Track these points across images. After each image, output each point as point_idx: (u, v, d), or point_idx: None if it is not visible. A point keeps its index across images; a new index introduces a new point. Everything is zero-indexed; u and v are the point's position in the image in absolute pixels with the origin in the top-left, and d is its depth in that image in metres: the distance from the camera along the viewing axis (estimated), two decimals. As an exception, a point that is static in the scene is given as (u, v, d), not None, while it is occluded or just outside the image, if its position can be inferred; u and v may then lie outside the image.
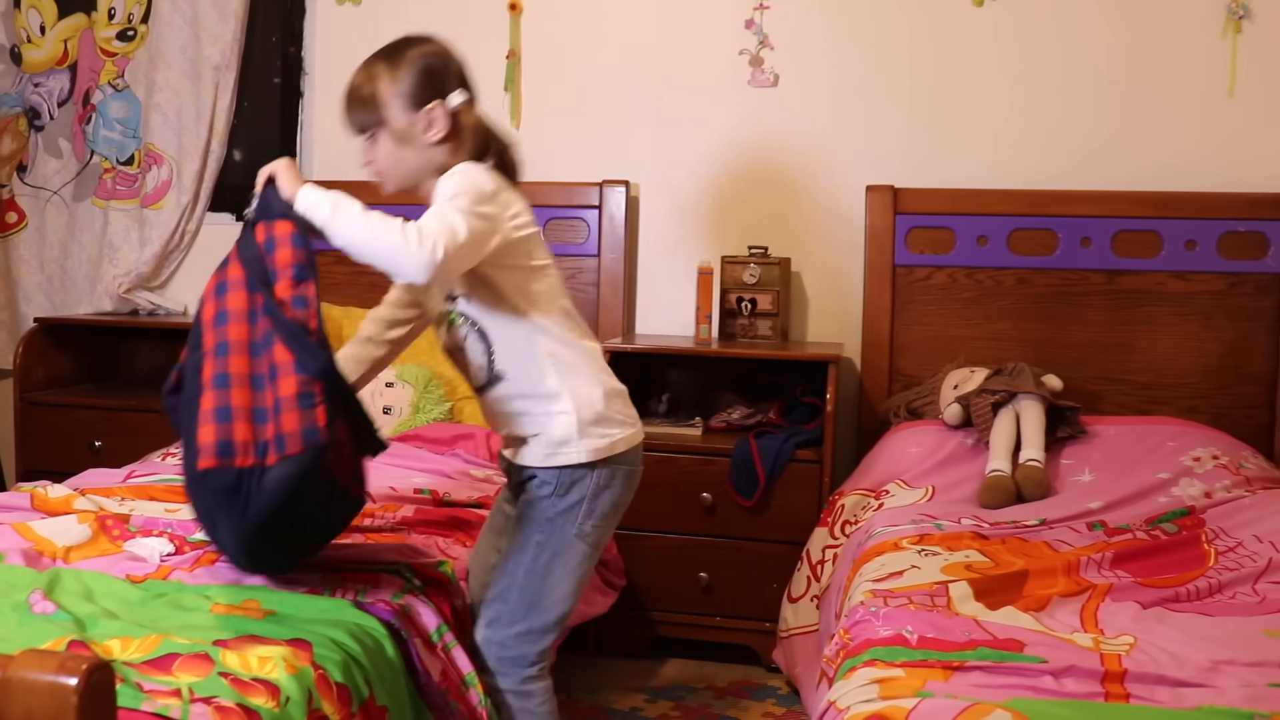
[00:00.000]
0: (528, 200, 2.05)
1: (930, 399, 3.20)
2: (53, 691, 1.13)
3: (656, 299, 3.67)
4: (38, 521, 2.23)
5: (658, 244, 3.66)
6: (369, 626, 1.82)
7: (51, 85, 4.10)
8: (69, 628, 1.70)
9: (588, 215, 3.58)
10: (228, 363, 1.74)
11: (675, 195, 3.65)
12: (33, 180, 4.12)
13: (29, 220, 4.14)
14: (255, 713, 1.49)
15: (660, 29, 3.63)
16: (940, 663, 1.79)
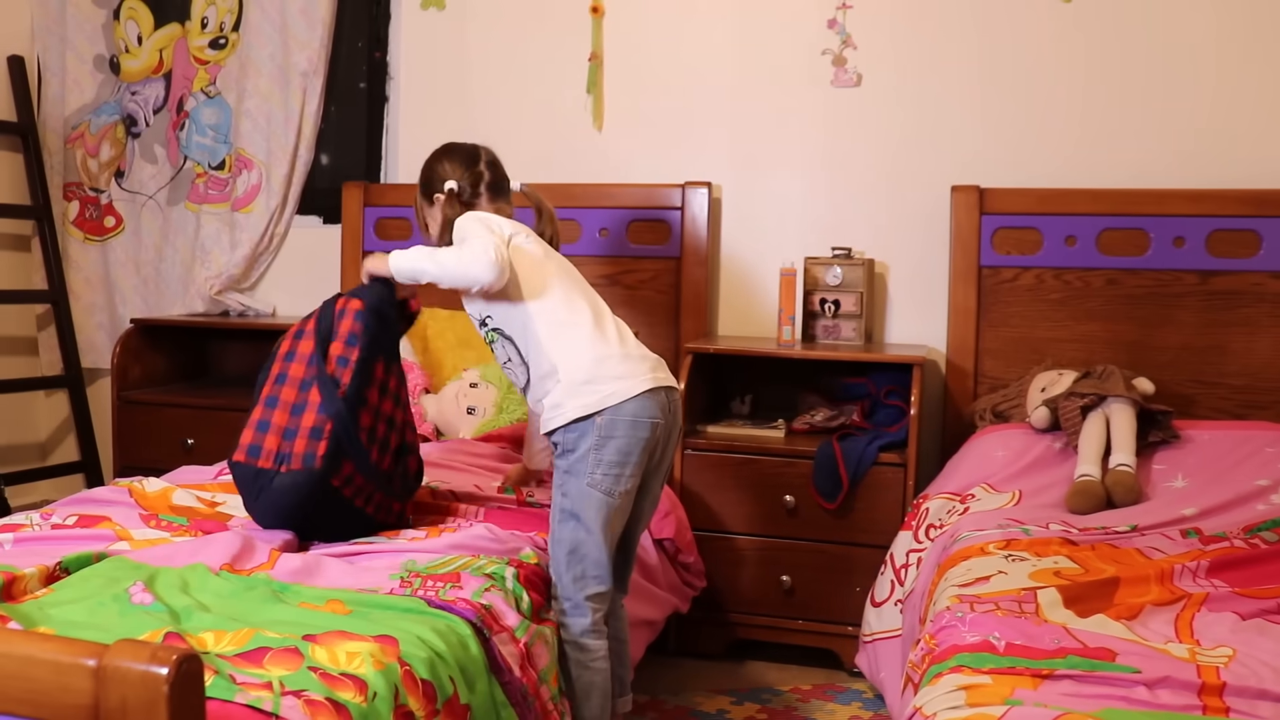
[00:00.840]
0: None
1: (1017, 402, 3.15)
2: (145, 680, 1.16)
3: (739, 301, 3.66)
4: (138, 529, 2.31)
5: (740, 245, 3.65)
6: (453, 625, 1.84)
7: (147, 93, 4.21)
8: (165, 619, 1.75)
9: (670, 216, 3.58)
10: (281, 390, 2.30)
11: (758, 196, 3.63)
12: (129, 185, 4.24)
13: (126, 224, 4.25)
14: (344, 707, 1.51)
15: (742, 30, 3.62)
16: (1029, 670, 1.76)
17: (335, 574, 2.05)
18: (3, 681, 1.21)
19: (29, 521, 2.30)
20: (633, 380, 2.24)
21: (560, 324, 2.28)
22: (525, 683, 1.94)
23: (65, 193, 4.29)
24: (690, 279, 3.56)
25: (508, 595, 2.06)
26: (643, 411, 2.23)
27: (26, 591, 1.89)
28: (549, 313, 2.28)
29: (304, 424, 2.23)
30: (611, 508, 2.24)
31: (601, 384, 2.23)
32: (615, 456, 2.22)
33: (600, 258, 3.61)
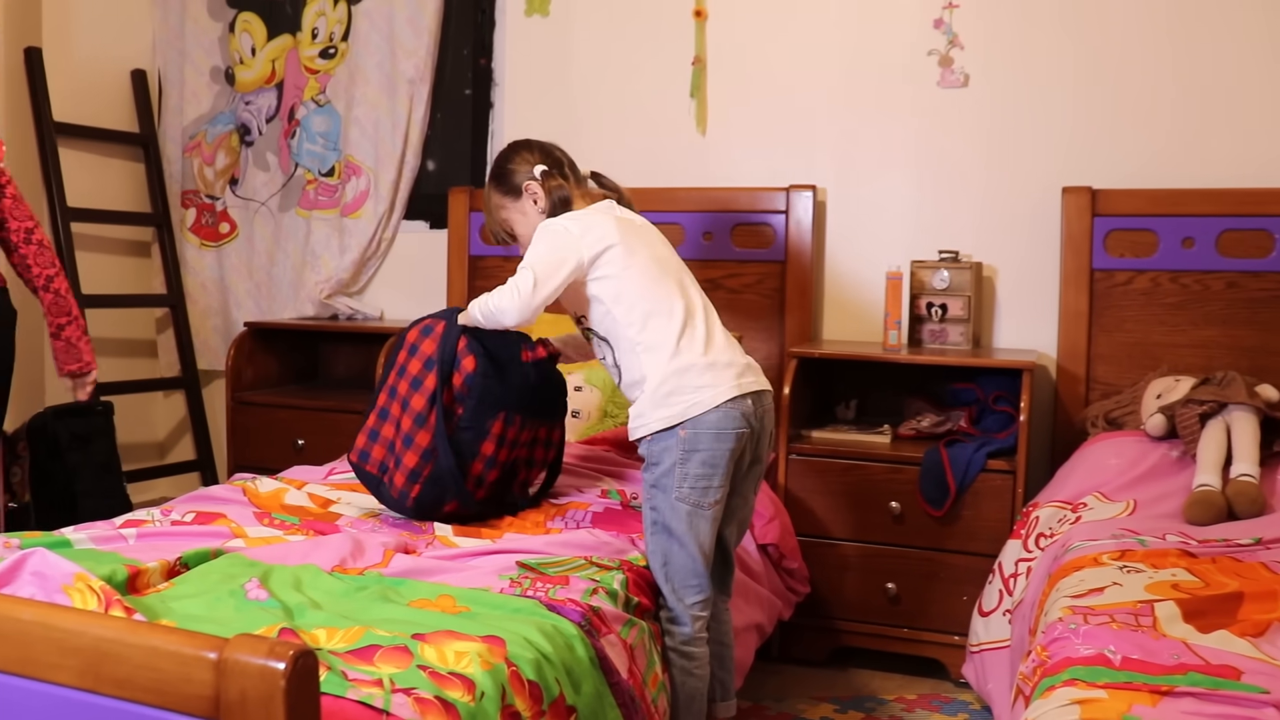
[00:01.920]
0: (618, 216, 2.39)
1: (1131, 409, 3.06)
2: (263, 674, 1.19)
3: (844, 304, 3.62)
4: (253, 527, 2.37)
5: (845, 249, 3.62)
6: (561, 627, 1.85)
7: (260, 103, 4.32)
8: (280, 615, 1.79)
9: (774, 220, 3.56)
10: (393, 407, 2.44)
11: (863, 199, 3.59)
12: (243, 193, 4.36)
13: (239, 230, 4.37)
14: (453, 706, 1.53)
15: (846, 31, 3.59)
16: (1147, 686, 1.70)
17: (447, 573, 2.08)
18: (131, 670, 1.25)
19: (150, 518, 2.38)
20: (715, 390, 2.22)
21: (646, 330, 2.26)
22: (631, 684, 1.95)
23: (183, 200, 4.43)
24: (794, 282, 3.53)
25: (615, 597, 2.07)
26: (726, 423, 2.21)
27: (149, 585, 1.95)
28: (635, 318, 2.27)
29: (406, 461, 2.38)
30: (702, 519, 2.22)
31: (684, 394, 2.21)
32: (701, 469, 2.20)
33: (704, 261, 3.60)
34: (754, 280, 3.60)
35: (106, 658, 1.27)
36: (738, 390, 2.23)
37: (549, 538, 2.30)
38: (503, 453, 2.44)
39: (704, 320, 2.31)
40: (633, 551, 2.31)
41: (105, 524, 2.33)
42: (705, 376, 2.23)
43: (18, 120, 3.83)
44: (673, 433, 2.20)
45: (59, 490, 3.54)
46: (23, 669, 1.31)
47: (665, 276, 2.32)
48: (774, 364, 3.53)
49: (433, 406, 2.36)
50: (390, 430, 2.42)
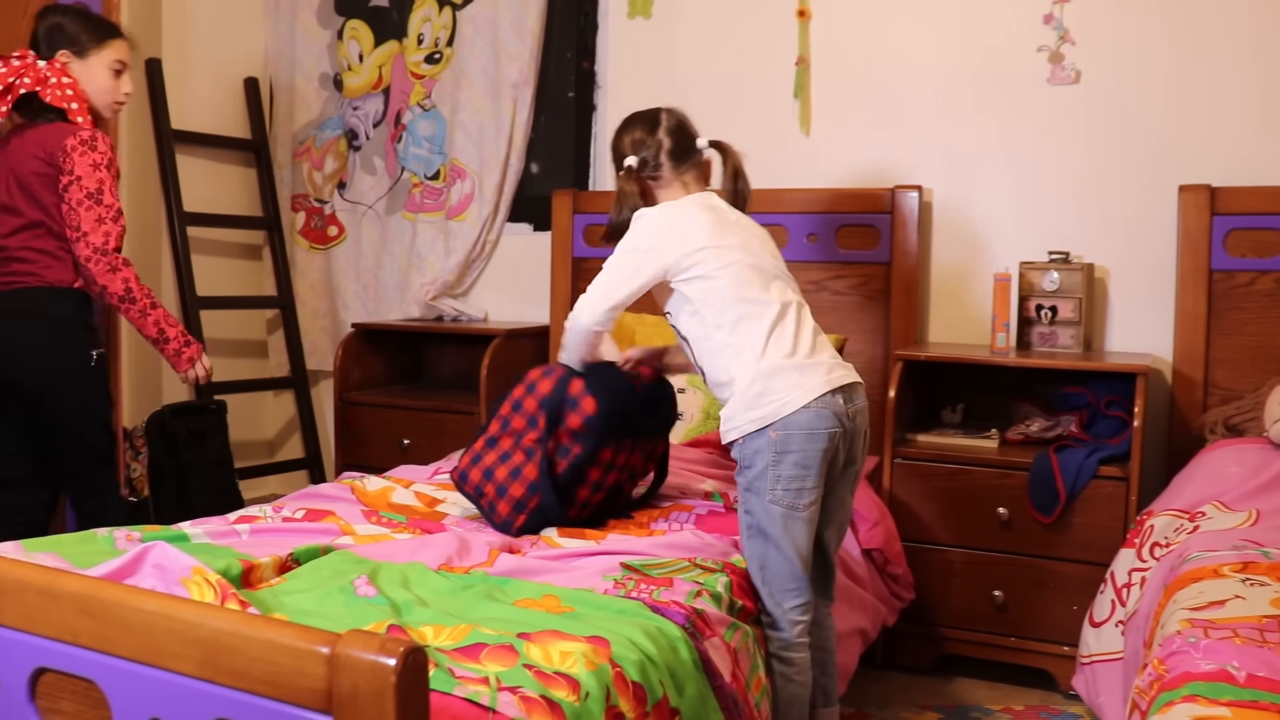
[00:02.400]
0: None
1: (1253, 415, 2.95)
2: (374, 670, 1.20)
3: (950, 307, 3.56)
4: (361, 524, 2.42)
5: (952, 250, 3.55)
6: (665, 629, 1.85)
7: (368, 108, 4.40)
8: (388, 612, 1.81)
9: (879, 221, 3.52)
10: (504, 442, 2.46)
11: (970, 199, 3.53)
12: (351, 196, 4.44)
13: (347, 233, 4.46)
14: (558, 705, 1.53)
15: (952, 29, 3.53)
16: (1275, 705, 1.64)
17: (551, 573, 2.10)
18: (248, 662, 1.28)
19: (263, 514, 2.44)
20: (804, 388, 2.19)
21: (735, 332, 2.25)
22: (734, 688, 1.94)
23: (293, 204, 4.53)
24: (900, 284, 3.48)
25: (719, 600, 2.06)
26: (818, 423, 2.18)
27: (262, 579, 2.00)
28: (725, 320, 2.25)
29: (513, 491, 2.41)
30: (796, 521, 2.20)
31: (773, 395, 2.19)
32: (794, 471, 2.18)
33: (809, 263, 3.57)
34: (859, 282, 3.56)
35: (225, 649, 1.30)
36: (827, 386, 2.21)
37: (652, 539, 2.30)
38: (610, 476, 2.46)
39: (795, 319, 2.28)
40: (736, 554, 2.29)
41: (219, 519, 2.40)
42: (793, 376, 2.20)
43: (139, 129, 3.96)
44: (763, 434, 2.19)
45: (175, 486, 3.65)
46: (146, 657, 1.35)
47: (757, 277, 2.29)
48: (879, 367, 3.48)
49: (541, 446, 2.38)
50: (493, 458, 2.44)
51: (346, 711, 1.23)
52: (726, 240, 2.31)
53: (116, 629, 1.37)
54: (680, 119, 2.49)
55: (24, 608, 1.44)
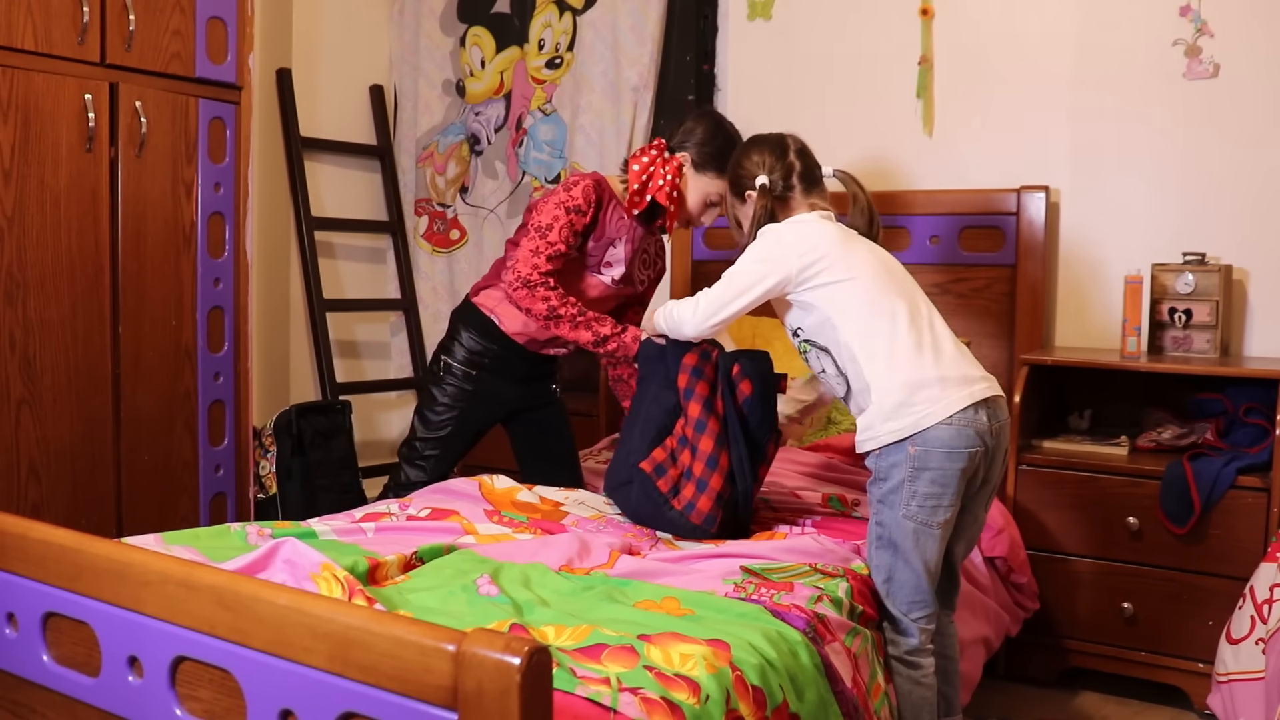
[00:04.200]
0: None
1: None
2: (499, 668, 1.22)
3: (1078, 310, 3.46)
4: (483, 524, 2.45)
5: (1080, 251, 3.46)
6: (785, 633, 1.84)
7: (489, 113, 4.46)
8: (510, 611, 1.83)
9: (1004, 222, 3.44)
10: (699, 439, 2.38)
11: (1099, 199, 3.43)
12: (473, 200, 4.51)
13: (469, 237, 4.53)
14: (678, 707, 1.53)
15: (1081, 24, 3.43)
16: None
17: (672, 575, 2.10)
18: (376, 658, 1.30)
19: (389, 511, 2.49)
20: (945, 402, 2.14)
21: (870, 339, 2.20)
22: (855, 693, 1.91)
23: (416, 209, 4.62)
24: (1026, 287, 3.40)
25: (839, 605, 2.04)
26: (959, 440, 2.13)
27: (387, 576, 2.04)
28: (860, 329, 2.21)
29: (713, 484, 2.35)
30: (929, 538, 2.16)
31: (914, 407, 2.14)
32: (930, 488, 2.14)
33: (931, 265, 3.52)
34: (983, 285, 3.48)
35: (353, 644, 1.33)
36: (969, 400, 2.15)
37: (773, 543, 2.29)
38: (767, 472, 2.48)
39: (930, 329, 2.23)
40: (856, 560, 2.27)
41: (345, 516, 2.46)
42: (935, 389, 2.15)
43: (270, 136, 4.09)
44: (902, 448, 2.14)
45: (300, 484, 3.75)
46: (278, 649, 1.39)
47: (889, 284, 2.26)
48: (1004, 371, 3.40)
49: (733, 432, 2.37)
50: (686, 456, 2.40)
51: (471, 708, 1.24)
52: (852, 246, 2.29)
53: (251, 621, 1.41)
54: (805, 144, 2.48)
55: (165, 598, 1.50)
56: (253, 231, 3.33)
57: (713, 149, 2.73)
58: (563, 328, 2.70)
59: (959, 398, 2.14)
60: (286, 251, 4.19)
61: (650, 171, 2.74)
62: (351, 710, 1.35)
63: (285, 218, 4.16)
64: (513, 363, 2.92)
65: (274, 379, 4.12)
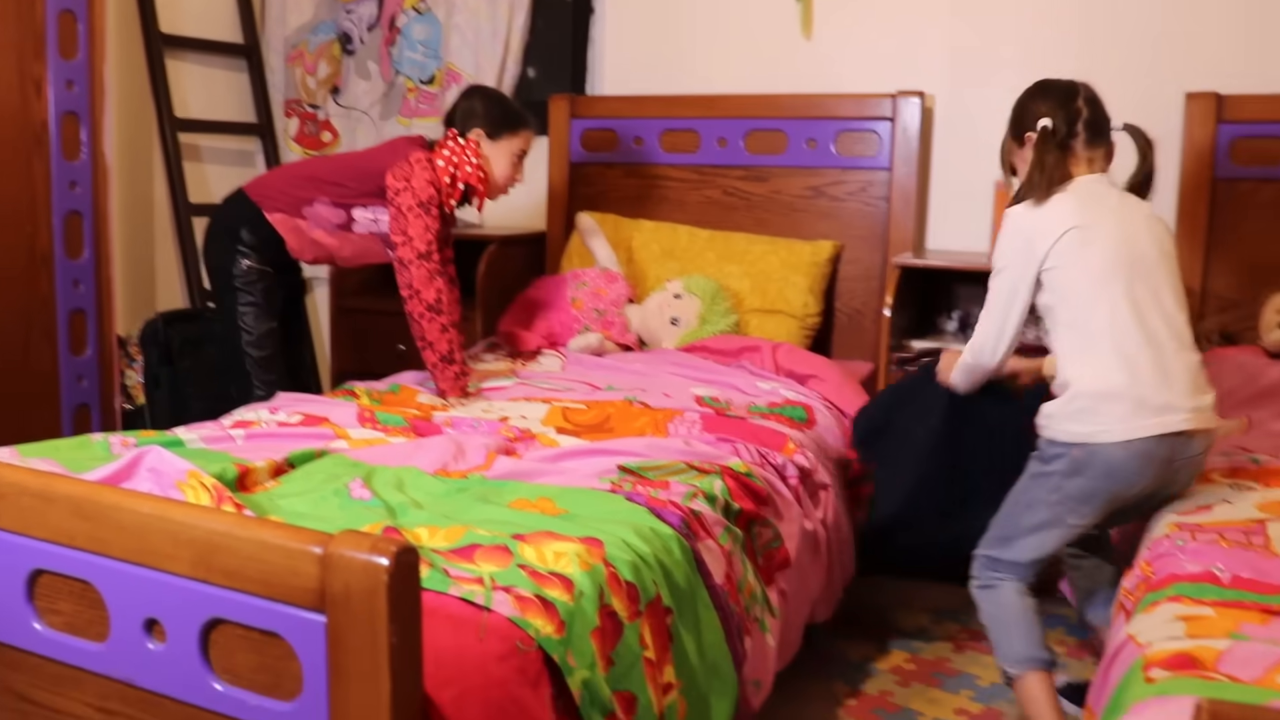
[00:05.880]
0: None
1: (1249, 323, 2.95)
2: (366, 569, 1.22)
3: (950, 213, 3.53)
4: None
5: (953, 157, 3.51)
6: (659, 529, 1.87)
7: (361, 11, 4.32)
8: (382, 514, 1.83)
9: (880, 127, 3.47)
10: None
11: (972, 105, 3.48)
12: (345, 101, 4.38)
13: (342, 139, 4.40)
14: (551, 604, 1.55)
15: (959, -71, 3.44)
16: (1258, 605, 1.66)
17: (548, 475, 2.11)
18: (241, 562, 1.29)
19: (258, 418, 2.45)
20: (1128, 426, 2.06)
21: (1076, 333, 2.14)
22: (727, 589, 1.96)
23: (286, 110, 4.47)
24: (899, 191, 3.44)
25: (714, 502, 2.07)
26: (1125, 466, 2.08)
27: (257, 483, 2.01)
28: (1070, 319, 2.14)
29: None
30: (1053, 533, 2.18)
31: (1095, 419, 2.08)
32: (1078, 494, 2.13)
33: (807, 169, 3.54)
34: (858, 189, 3.52)
35: (218, 550, 1.31)
36: (1158, 430, 2.06)
37: (650, 441, 2.31)
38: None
39: (1150, 333, 2.11)
40: (733, 459, 2.29)
41: (214, 424, 2.41)
42: (1124, 406, 2.07)
43: (128, 33, 3.89)
44: (1069, 447, 2.12)
45: (169, 394, 3.66)
46: (141, 558, 1.37)
47: (1114, 279, 2.12)
48: (876, 274, 3.46)
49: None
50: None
51: (339, 610, 1.24)
52: (1093, 229, 2.15)
53: (111, 531, 1.39)
54: (1095, 94, 2.33)
55: (20, 511, 1.46)
56: (112, 133, 3.19)
57: (499, 114, 2.94)
58: (433, 324, 2.76)
59: (1146, 425, 2.06)
60: (149, 154, 4.02)
61: (455, 163, 2.88)
62: (218, 616, 1.34)
63: (147, 119, 3.99)
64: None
65: (139, 287, 3.98)
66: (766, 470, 2.33)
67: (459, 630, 1.45)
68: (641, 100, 3.76)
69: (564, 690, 1.51)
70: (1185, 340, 2.15)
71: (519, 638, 1.47)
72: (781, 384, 2.92)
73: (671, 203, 3.74)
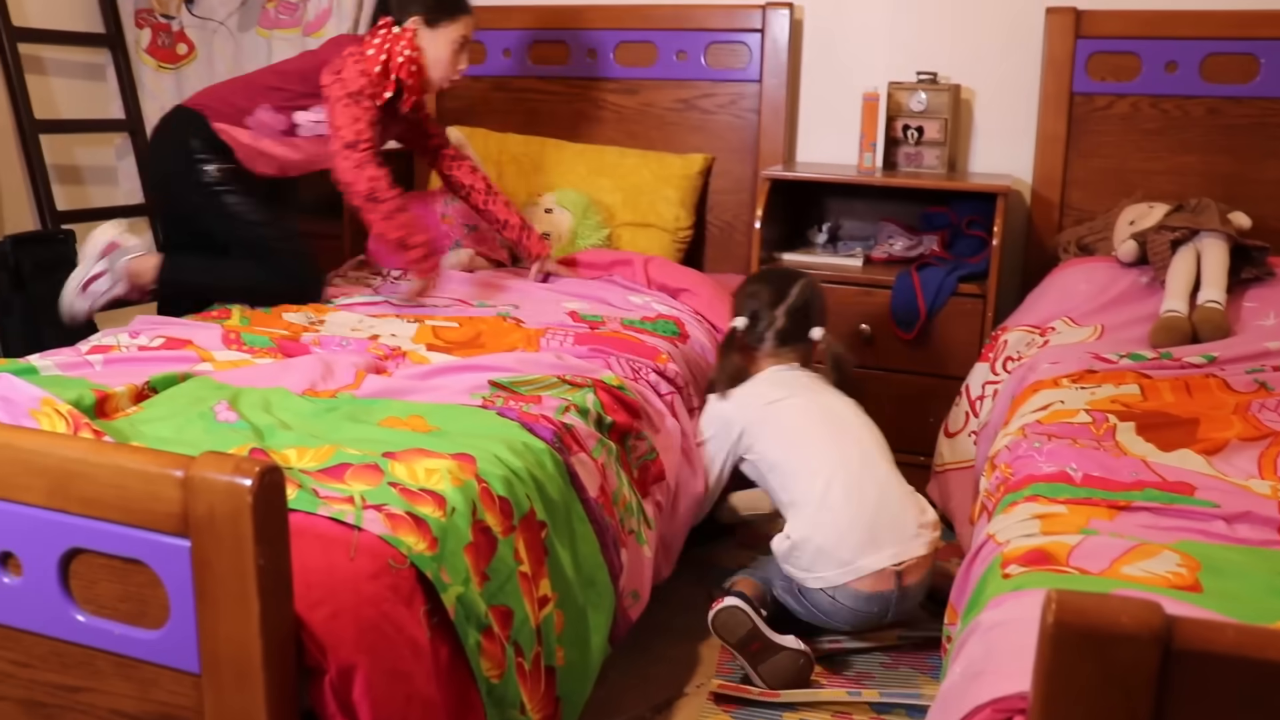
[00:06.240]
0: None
1: (1104, 235, 3.05)
2: (230, 491, 1.19)
3: (819, 126, 3.55)
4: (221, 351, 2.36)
5: (822, 69, 3.53)
6: (531, 444, 1.87)
7: (214, -87, 4.12)
8: (249, 436, 1.79)
9: (749, 39, 3.46)
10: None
11: (841, 18, 3.49)
12: (199, 11, 4.19)
13: (198, 51, 4.22)
14: (424, 521, 1.55)
15: None
16: (1105, 501, 1.74)
17: (419, 392, 2.08)
18: (99, 490, 1.26)
19: (117, 343, 2.36)
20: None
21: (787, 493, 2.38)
22: (602, 503, 1.98)
23: (136, 20, 4.25)
24: (769, 104, 3.45)
25: (586, 415, 2.08)
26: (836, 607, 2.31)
27: (118, 409, 1.95)
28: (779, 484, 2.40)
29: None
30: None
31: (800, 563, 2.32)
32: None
33: (677, 81, 3.52)
34: (728, 101, 3.52)
35: (74, 477, 1.27)
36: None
37: (521, 355, 2.30)
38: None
39: (844, 491, 2.32)
40: (606, 372, 2.30)
41: (71, 350, 2.32)
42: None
43: (-42, -69, 3.65)
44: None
45: (21, 320, 3.50)
46: (-9, 488, 1.32)
47: (812, 437, 2.41)
48: (747, 186, 3.48)
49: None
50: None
51: (204, 534, 1.22)
52: (783, 396, 2.47)
53: (-43, 461, 1.33)
54: (809, 299, 2.56)
55: None
56: (-57, 41, 2.99)
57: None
58: (375, 213, 2.67)
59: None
60: (-12, 65, 3.80)
61: (388, 50, 2.75)
62: (78, 546, 1.30)
63: (-17, 27, 3.76)
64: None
65: (-15, 207, 3.78)
66: (639, 383, 2.35)
67: (329, 550, 1.44)
68: (509, 10, 3.69)
69: (439, 607, 1.51)
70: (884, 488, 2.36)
71: (391, 555, 1.47)
72: (654, 298, 2.93)
73: (542, 116, 3.69)
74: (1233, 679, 0.89)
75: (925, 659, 2.35)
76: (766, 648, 2.20)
